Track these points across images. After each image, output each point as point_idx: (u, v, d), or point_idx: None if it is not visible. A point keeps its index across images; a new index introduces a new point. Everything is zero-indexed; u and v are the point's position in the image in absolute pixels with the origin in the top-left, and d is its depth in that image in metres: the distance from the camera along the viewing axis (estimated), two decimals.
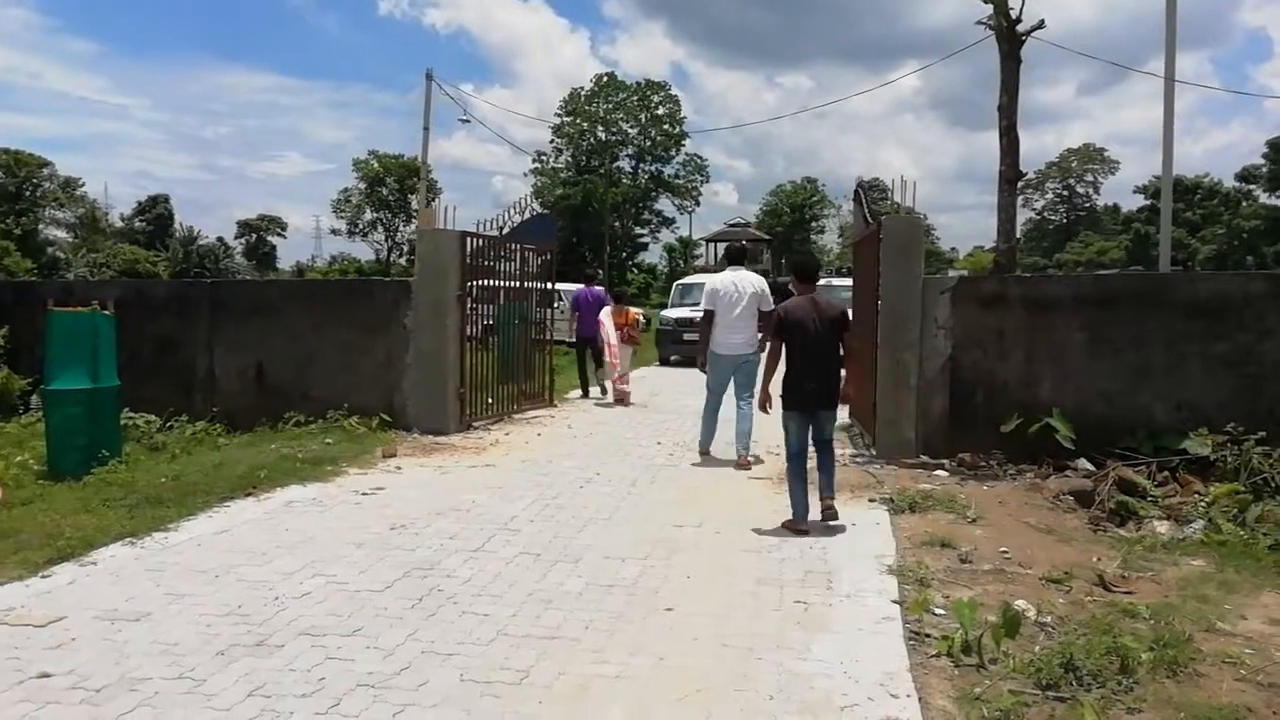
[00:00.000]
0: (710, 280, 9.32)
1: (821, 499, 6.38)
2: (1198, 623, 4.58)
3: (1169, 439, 7.76)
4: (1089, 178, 79.48)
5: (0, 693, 3.67)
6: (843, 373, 6.60)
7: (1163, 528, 6.53)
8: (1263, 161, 56.39)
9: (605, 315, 14.13)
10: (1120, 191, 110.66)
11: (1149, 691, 3.77)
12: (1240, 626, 4.61)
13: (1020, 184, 12.89)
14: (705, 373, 8.99)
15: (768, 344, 6.87)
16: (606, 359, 13.83)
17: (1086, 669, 3.89)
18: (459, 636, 4.33)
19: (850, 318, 7.09)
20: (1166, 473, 7.44)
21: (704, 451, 8.99)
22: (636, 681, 3.87)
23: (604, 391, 14.32)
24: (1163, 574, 5.47)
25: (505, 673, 3.93)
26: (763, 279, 8.96)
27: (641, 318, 17.12)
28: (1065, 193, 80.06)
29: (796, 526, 6.24)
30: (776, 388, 6.65)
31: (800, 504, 6.32)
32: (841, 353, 6.54)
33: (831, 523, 6.28)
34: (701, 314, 9.16)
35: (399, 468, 8.38)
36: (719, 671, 3.96)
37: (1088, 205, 79.66)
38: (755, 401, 7.61)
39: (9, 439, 9.11)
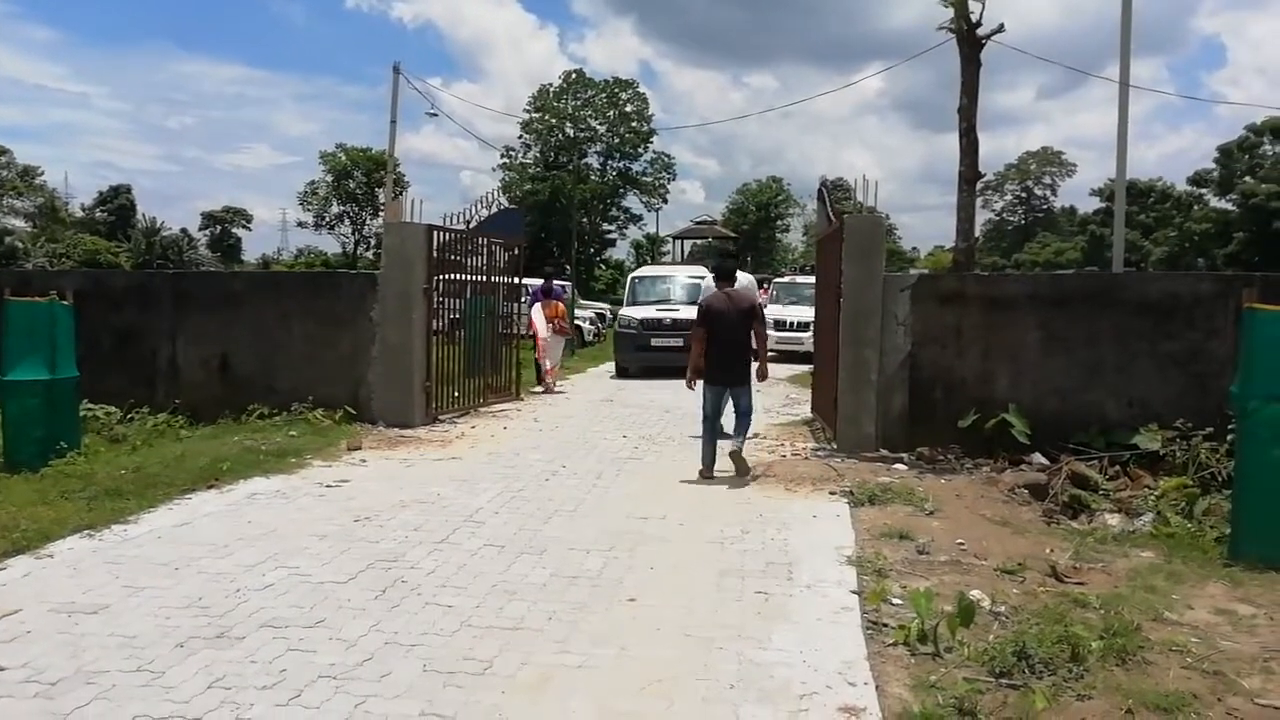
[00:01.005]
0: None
1: (730, 452, 7.75)
2: (1146, 612, 4.71)
3: (1120, 434, 7.96)
4: (1047, 180, 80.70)
5: None
6: (754, 352, 7.99)
7: (1114, 520, 6.70)
8: (1214, 166, 57.59)
9: (536, 310, 14.45)
10: (1077, 194, 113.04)
11: (1098, 679, 3.88)
12: (1187, 616, 4.75)
13: (980, 185, 13.12)
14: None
15: (700, 329, 7.93)
16: (536, 353, 14.37)
17: (1038, 657, 3.99)
18: (422, 628, 4.34)
19: (758, 308, 8.12)
20: (1118, 467, 7.63)
21: (706, 473, 7.92)
22: (599, 671, 3.91)
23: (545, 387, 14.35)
24: (1113, 565, 5.61)
25: (468, 663, 3.95)
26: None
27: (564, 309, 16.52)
28: (1024, 194, 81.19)
29: (703, 473, 7.84)
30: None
31: (707, 456, 7.92)
32: (752, 338, 7.94)
33: (744, 474, 7.71)
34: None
35: (363, 460, 8.35)
36: (681, 661, 4.01)
37: (1045, 207, 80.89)
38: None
39: None
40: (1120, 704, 3.65)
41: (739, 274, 8.59)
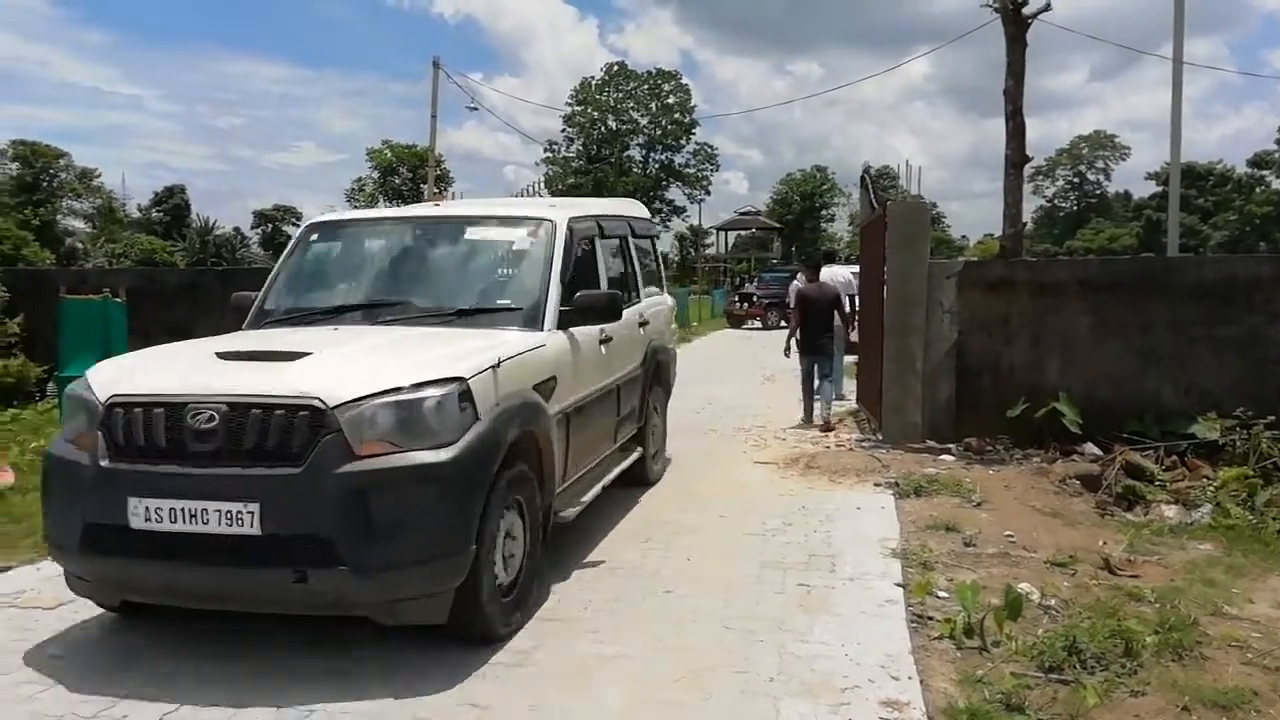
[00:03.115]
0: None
1: (821, 414, 9.82)
2: (1204, 606, 4.56)
3: (1177, 423, 7.72)
4: (1100, 164, 78.84)
5: (7, 674, 3.72)
6: (837, 328, 10.12)
7: (1170, 512, 6.51)
8: (1275, 147, 55.83)
9: None
10: (1132, 178, 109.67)
11: (1153, 674, 3.76)
12: (1247, 610, 4.59)
13: (1030, 170, 12.84)
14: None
15: (795, 312, 10.38)
16: None
17: (1090, 652, 3.88)
18: None
19: (840, 298, 10.30)
20: (1174, 457, 7.40)
21: (805, 420, 10.10)
22: (635, 662, 3.88)
23: None
24: (1169, 558, 5.45)
25: (504, 653, 3.95)
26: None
27: None
28: (1076, 180, 79.41)
29: (804, 420, 9.99)
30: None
31: (806, 408, 10.06)
32: (836, 319, 10.10)
33: (825, 429, 9.58)
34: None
35: None
36: (719, 653, 3.97)
37: (1099, 192, 79.03)
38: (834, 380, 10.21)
39: (25, 425, 9.21)
40: (1176, 700, 3.53)
41: (835, 266, 11.65)
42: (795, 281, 12.30)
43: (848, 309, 10.72)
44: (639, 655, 3.95)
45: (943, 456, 8.07)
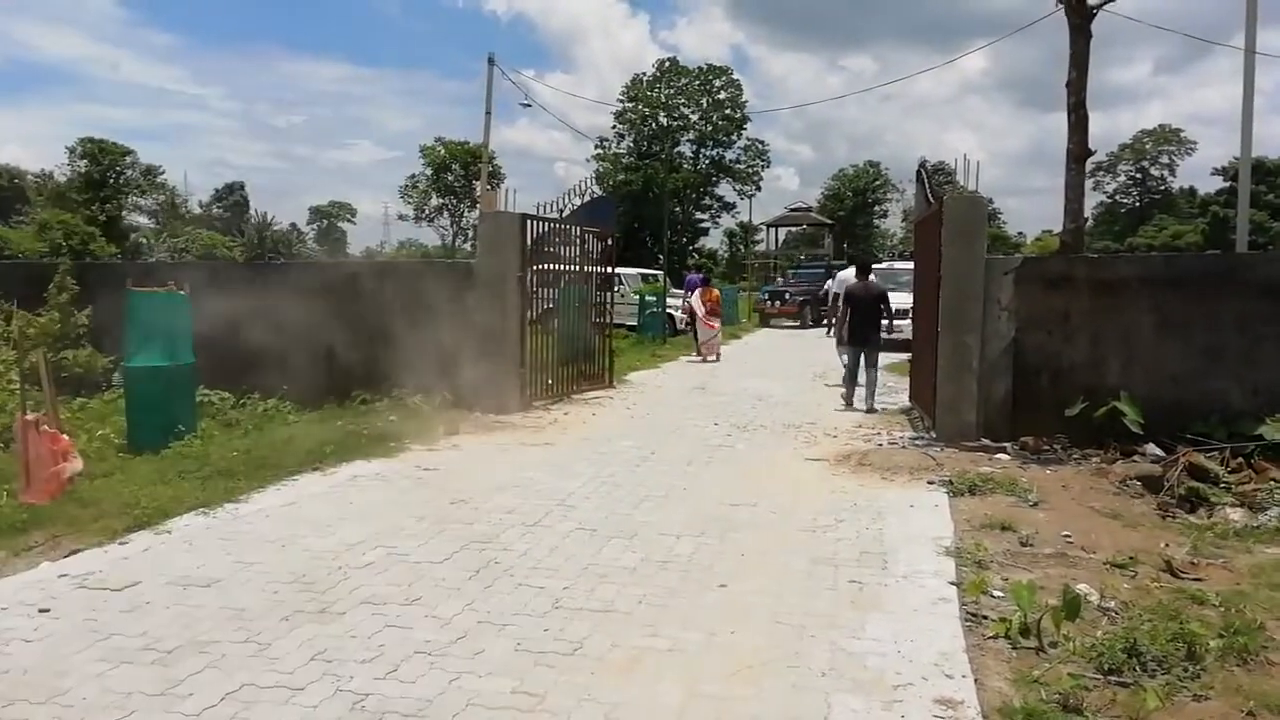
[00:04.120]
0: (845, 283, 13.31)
1: (866, 401, 10.84)
2: (1271, 610, 4.43)
3: (1244, 424, 7.49)
4: (1164, 159, 76.49)
5: (77, 652, 3.86)
6: (882, 324, 11.15)
7: (1236, 515, 6.32)
8: None
9: (695, 296, 18.48)
10: (1197, 174, 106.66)
11: (1217, 679, 3.67)
12: None
13: (1091, 166, 12.54)
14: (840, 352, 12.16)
15: (843, 309, 11.58)
16: (701, 329, 18.10)
17: (1151, 654, 3.81)
18: (514, 607, 4.40)
19: (885, 295, 11.25)
20: (1241, 459, 7.19)
21: (847, 402, 11.23)
22: (687, 655, 3.89)
23: (694, 355, 18.23)
24: (1235, 561, 5.30)
25: (559, 644, 3.99)
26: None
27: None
28: (1139, 175, 77.19)
29: (846, 402, 11.08)
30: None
31: (849, 393, 11.15)
32: (882, 316, 11.11)
33: (870, 412, 10.66)
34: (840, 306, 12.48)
35: (459, 445, 8.53)
36: (771, 648, 3.96)
37: (1162, 188, 76.72)
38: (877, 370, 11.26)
39: (93, 414, 9.48)
40: (1240, 705, 3.45)
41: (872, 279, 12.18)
42: (830, 281, 15.09)
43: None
44: (692, 649, 3.96)
45: (998, 455, 7.94)
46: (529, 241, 10.80)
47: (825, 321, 23.81)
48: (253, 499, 6.46)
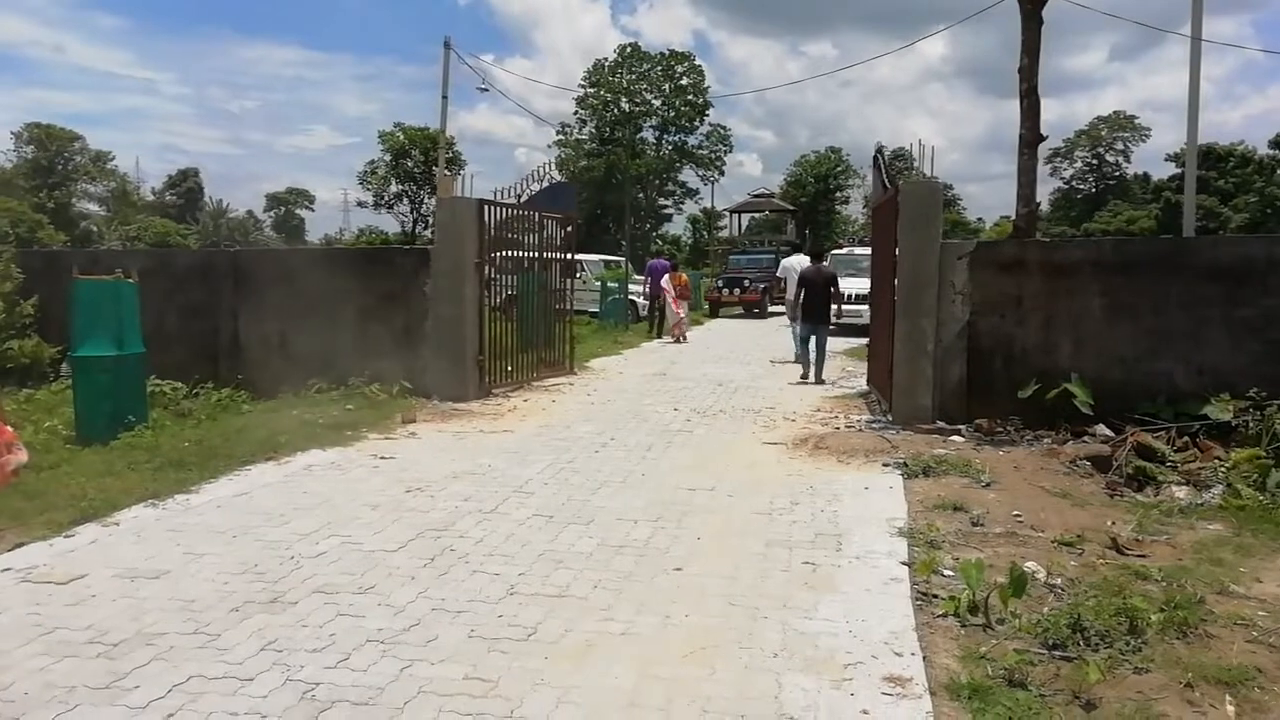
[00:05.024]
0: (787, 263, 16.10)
1: (814, 375, 12.17)
2: (1211, 585, 4.55)
3: (1189, 404, 7.68)
4: (1119, 146, 77.75)
5: (20, 647, 3.77)
6: (833, 306, 12.46)
7: (1181, 493, 6.48)
8: None
9: (665, 280, 19.47)
10: (1151, 160, 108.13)
11: (1157, 652, 3.76)
12: (1255, 589, 4.57)
13: (1048, 152, 12.85)
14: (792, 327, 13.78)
15: (796, 290, 12.84)
16: (670, 311, 19.17)
17: (1094, 629, 3.89)
18: (469, 595, 4.39)
19: (835, 278, 12.58)
20: (1186, 438, 7.36)
21: (804, 375, 12.40)
22: (642, 639, 3.91)
23: (664, 337, 19.26)
24: (1178, 538, 5.43)
25: (513, 629, 3.98)
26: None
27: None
28: (1094, 161, 78.35)
29: (803, 376, 12.27)
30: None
31: (804, 366, 12.41)
32: (831, 297, 12.36)
33: (817, 384, 11.98)
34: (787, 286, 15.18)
35: (417, 433, 8.46)
36: (724, 630, 3.99)
37: (1118, 174, 77.98)
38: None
39: (39, 405, 9.29)
40: (1179, 677, 3.54)
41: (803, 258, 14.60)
42: (787, 263, 15.83)
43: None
44: (646, 632, 3.97)
45: (953, 438, 8.05)
46: (489, 228, 10.73)
47: (775, 302, 23.90)
48: (204, 490, 6.36)
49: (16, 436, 6.68)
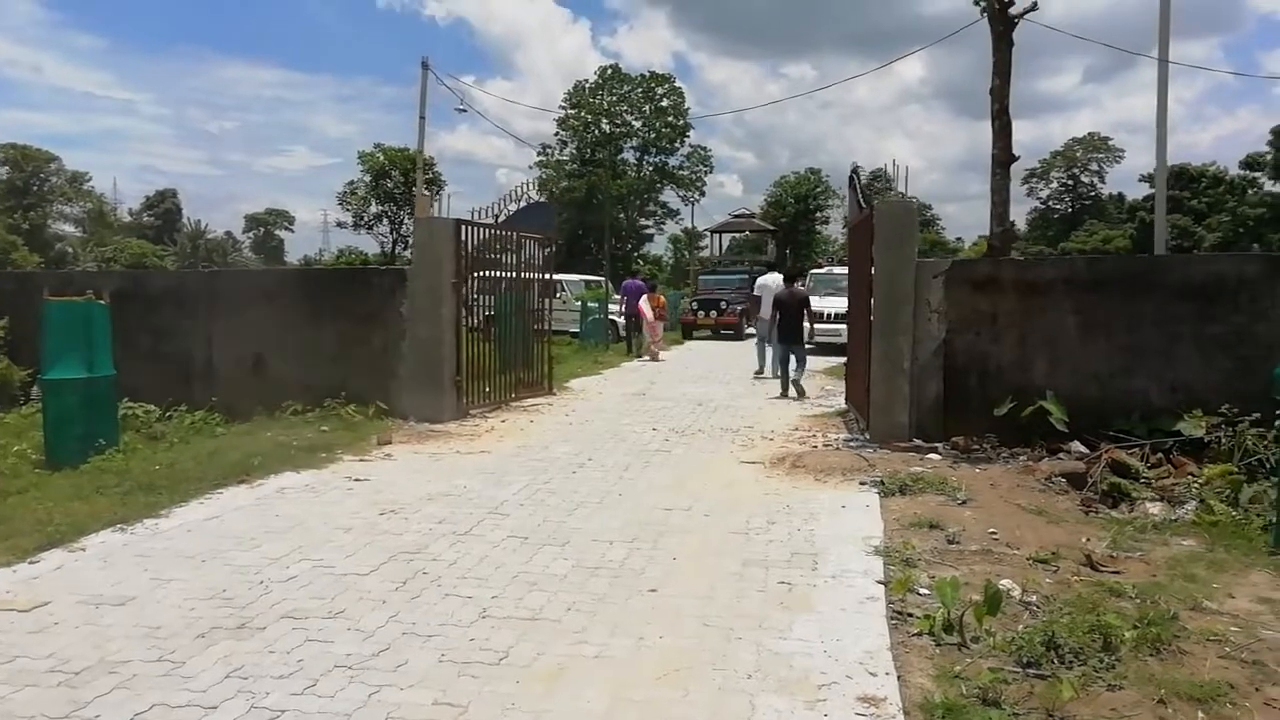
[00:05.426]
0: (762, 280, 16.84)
1: (793, 382, 12.83)
2: (1184, 601, 4.56)
3: (1163, 421, 7.73)
4: (1094, 166, 78.83)
5: None
6: (805, 326, 13.18)
7: (1155, 509, 6.51)
8: (1268, 149, 55.88)
9: (643, 301, 19.71)
10: (1126, 181, 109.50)
11: (1131, 669, 3.76)
12: (1227, 605, 4.59)
13: (1024, 173, 13.00)
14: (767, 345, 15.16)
15: (772, 312, 13.69)
16: (646, 333, 19.55)
17: (1069, 647, 3.89)
18: (441, 618, 4.33)
19: (808, 300, 13.65)
20: (1160, 455, 7.40)
21: (784, 392, 12.93)
22: (615, 661, 3.86)
23: (643, 356, 19.40)
24: (1152, 554, 5.45)
25: (484, 653, 3.93)
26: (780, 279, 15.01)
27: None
28: (1070, 182, 79.37)
29: (784, 393, 12.80)
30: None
31: (784, 383, 12.93)
32: (805, 318, 13.19)
33: (800, 398, 12.57)
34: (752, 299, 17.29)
35: (392, 455, 8.39)
36: (698, 651, 3.95)
37: (1093, 194, 78.98)
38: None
39: (8, 430, 9.15)
40: (1152, 694, 3.53)
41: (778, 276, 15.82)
42: (763, 281, 16.56)
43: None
44: (619, 654, 3.93)
45: (930, 455, 8.07)
46: (467, 248, 10.70)
47: (748, 322, 23.19)
48: (174, 514, 6.27)
49: None
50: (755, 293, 17.18)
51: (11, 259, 43.42)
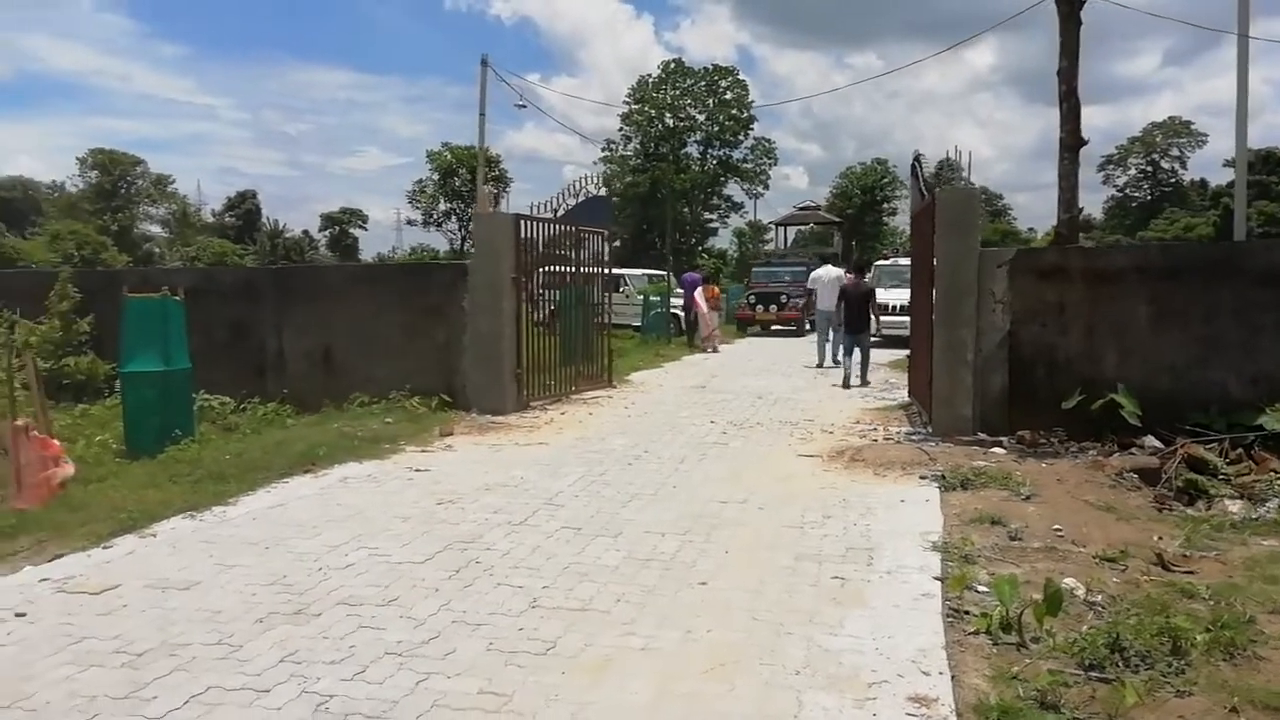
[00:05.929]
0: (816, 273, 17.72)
1: (860, 377, 13.16)
2: (1263, 604, 4.34)
3: (1244, 415, 7.39)
4: (1175, 152, 75.73)
5: (47, 656, 3.84)
6: (873, 318, 13.93)
7: (1234, 507, 6.23)
8: None
9: (698, 293, 20.22)
10: (1209, 166, 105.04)
11: (1201, 674, 3.59)
12: None
13: (1101, 160, 12.53)
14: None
15: (837, 303, 14.01)
16: (700, 324, 20.05)
17: (1135, 649, 3.73)
18: (491, 607, 4.36)
19: (873, 291, 14.40)
20: (1241, 450, 7.08)
21: (845, 384, 13.03)
22: (662, 654, 3.84)
23: (704, 349, 19.75)
24: (1229, 554, 5.20)
25: (532, 643, 3.95)
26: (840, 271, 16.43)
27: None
28: (1149, 168, 76.44)
29: (845, 383, 12.96)
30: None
31: (845, 375, 13.09)
32: (870, 310, 13.69)
33: (863, 386, 12.96)
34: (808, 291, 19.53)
35: (453, 446, 8.50)
36: (747, 645, 3.91)
37: (1173, 181, 75.93)
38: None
39: (93, 421, 9.52)
40: (1224, 701, 3.37)
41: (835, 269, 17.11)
42: (817, 274, 17.06)
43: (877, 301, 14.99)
44: (667, 647, 3.91)
45: (994, 449, 7.86)
46: (530, 242, 10.79)
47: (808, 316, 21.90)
48: (241, 501, 6.45)
49: (63, 450, 6.83)
50: (809, 285, 17.49)
51: (102, 259, 45.21)
